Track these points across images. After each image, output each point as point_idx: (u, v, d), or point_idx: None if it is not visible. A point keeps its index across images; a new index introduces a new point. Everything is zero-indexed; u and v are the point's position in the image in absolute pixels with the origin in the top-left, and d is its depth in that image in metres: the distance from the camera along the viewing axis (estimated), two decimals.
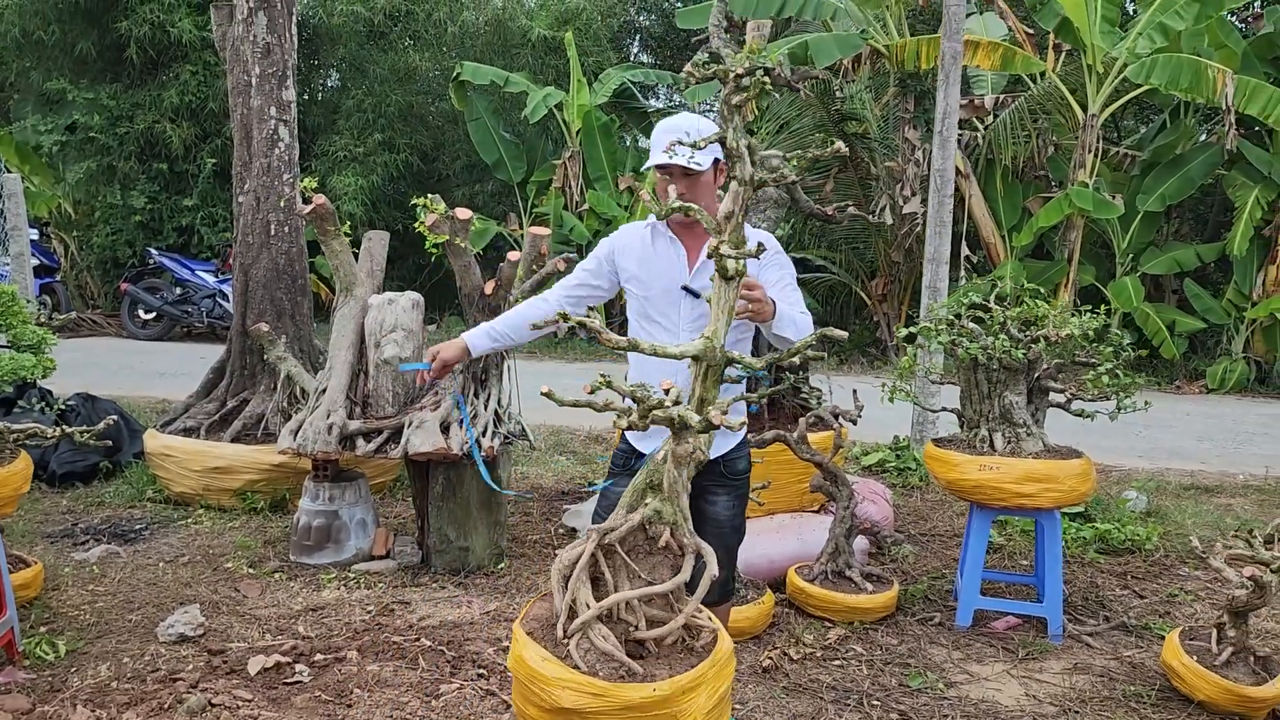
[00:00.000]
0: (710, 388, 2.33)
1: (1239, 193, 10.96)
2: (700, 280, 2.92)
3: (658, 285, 2.94)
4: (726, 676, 2.08)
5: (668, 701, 1.91)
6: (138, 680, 3.62)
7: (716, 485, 3.01)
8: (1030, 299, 4.25)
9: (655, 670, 1.98)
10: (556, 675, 1.94)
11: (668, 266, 2.95)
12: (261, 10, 5.92)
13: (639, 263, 2.98)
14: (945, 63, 6.60)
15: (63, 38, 13.20)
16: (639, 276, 2.98)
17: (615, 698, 1.89)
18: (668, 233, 2.97)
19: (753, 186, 2.42)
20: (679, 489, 2.13)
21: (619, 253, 3.03)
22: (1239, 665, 3.60)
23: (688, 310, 2.92)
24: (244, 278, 6.11)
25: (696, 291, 2.90)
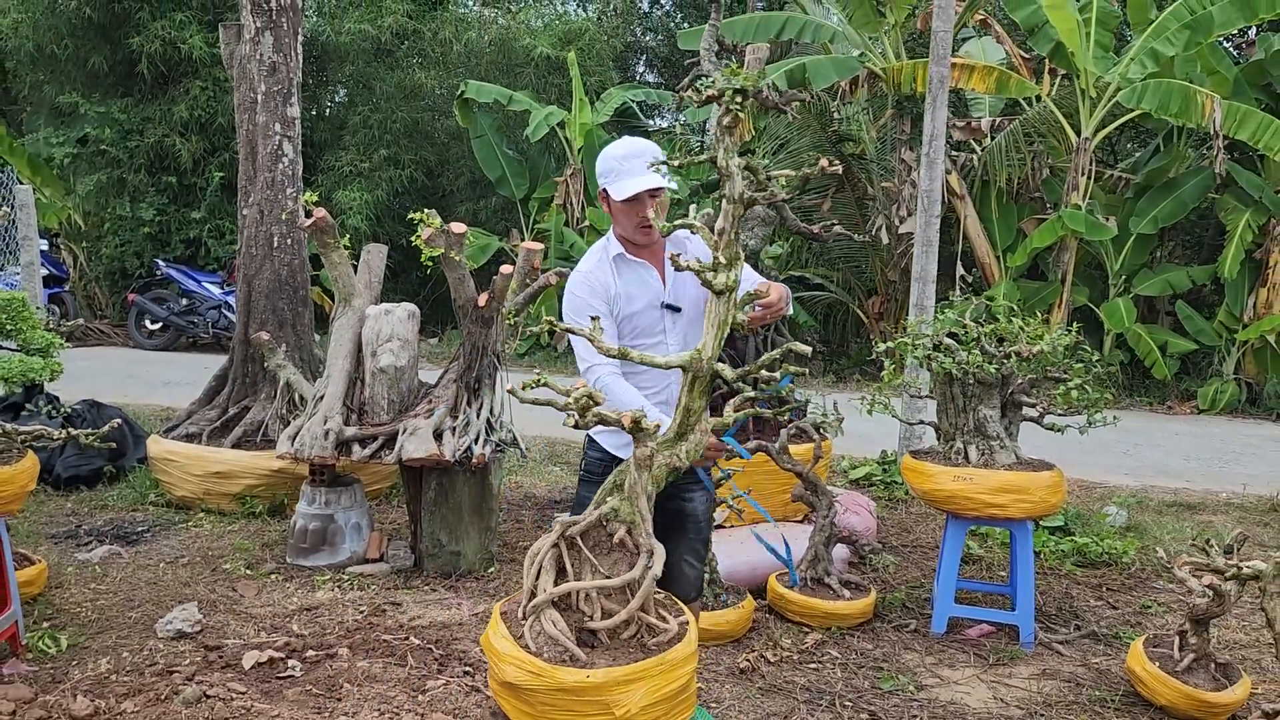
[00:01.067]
0: (696, 398, 2.41)
1: (1230, 216, 11.11)
2: (677, 294, 3.02)
3: (641, 309, 2.98)
4: (678, 678, 2.11)
5: (599, 689, 2.01)
6: (136, 673, 3.76)
7: (693, 484, 3.12)
8: (1007, 319, 4.40)
9: (600, 659, 2.07)
10: (506, 652, 2.10)
11: (645, 289, 3.00)
12: (268, 30, 6.11)
13: (621, 293, 2.97)
14: (933, 86, 6.76)
15: (76, 53, 13.45)
16: (623, 304, 2.98)
17: (551, 678, 2.02)
18: (631, 258, 3.01)
19: (743, 205, 2.48)
20: (639, 490, 2.25)
21: (610, 289, 2.97)
22: (1200, 672, 3.72)
23: (672, 325, 3.02)
24: (247, 288, 6.28)
25: (677, 305, 3.01)
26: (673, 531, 3.02)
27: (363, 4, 14.39)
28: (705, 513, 3.20)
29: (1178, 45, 10.33)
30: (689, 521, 3.14)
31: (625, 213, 2.93)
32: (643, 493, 2.26)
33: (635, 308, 2.98)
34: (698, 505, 3.15)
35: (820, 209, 12.12)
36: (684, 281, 3.02)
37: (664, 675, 2.09)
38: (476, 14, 16.09)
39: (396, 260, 12.63)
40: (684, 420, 2.44)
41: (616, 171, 2.90)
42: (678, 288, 3.02)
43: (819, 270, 13.30)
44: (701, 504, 3.17)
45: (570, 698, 2.02)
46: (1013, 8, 10.77)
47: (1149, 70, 10.48)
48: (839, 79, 11.28)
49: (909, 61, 11.22)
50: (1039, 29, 10.65)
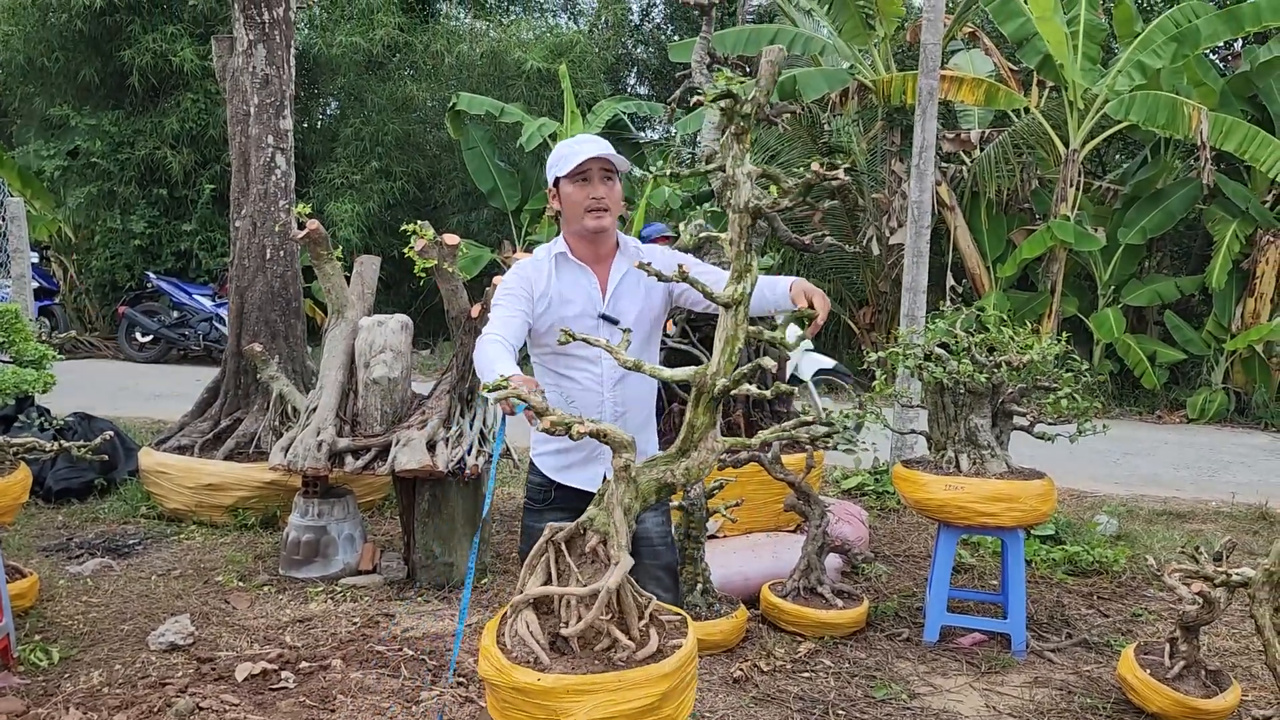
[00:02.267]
0: (701, 414, 2.35)
1: (1218, 227, 11.19)
2: (616, 306, 2.88)
3: (574, 316, 2.84)
4: (640, 697, 2.07)
5: (548, 694, 2.03)
6: (128, 685, 3.75)
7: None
8: (997, 328, 4.43)
9: (560, 666, 2.09)
10: (485, 645, 2.18)
11: (580, 296, 2.86)
12: (261, 43, 6.13)
13: (554, 294, 2.86)
14: (922, 98, 6.82)
15: (66, 65, 13.44)
16: (555, 308, 2.85)
17: (509, 676, 2.07)
18: (572, 259, 2.89)
19: (750, 214, 2.38)
20: (614, 501, 2.24)
21: (536, 285, 2.86)
22: (1190, 679, 3.74)
23: (609, 339, 2.77)
24: (239, 300, 6.28)
25: (615, 318, 2.87)
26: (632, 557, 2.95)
27: (354, 17, 14.43)
28: (661, 535, 3.02)
29: (1164, 58, 10.43)
30: (642, 546, 2.92)
31: (572, 195, 2.81)
32: (618, 504, 2.23)
33: (569, 312, 2.84)
34: (650, 528, 2.96)
35: (811, 220, 12.17)
36: (627, 296, 2.87)
37: (620, 692, 2.05)
38: (468, 27, 16.15)
39: (389, 272, 12.62)
40: (686, 436, 2.38)
41: (564, 157, 2.81)
42: (618, 301, 2.87)
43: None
44: (655, 526, 2.98)
45: (522, 698, 2.06)
46: (1001, 20, 10.85)
47: (1136, 82, 10.57)
48: (829, 91, 11.34)
49: (899, 74, 11.29)
50: (1027, 41, 10.73)
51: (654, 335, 3.02)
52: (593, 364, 2.86)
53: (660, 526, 3.02)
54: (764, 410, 5.71)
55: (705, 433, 2.37)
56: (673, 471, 2.35)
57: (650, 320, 2.97)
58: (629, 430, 2.60)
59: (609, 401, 2.89)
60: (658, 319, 3.01)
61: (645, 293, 2.92)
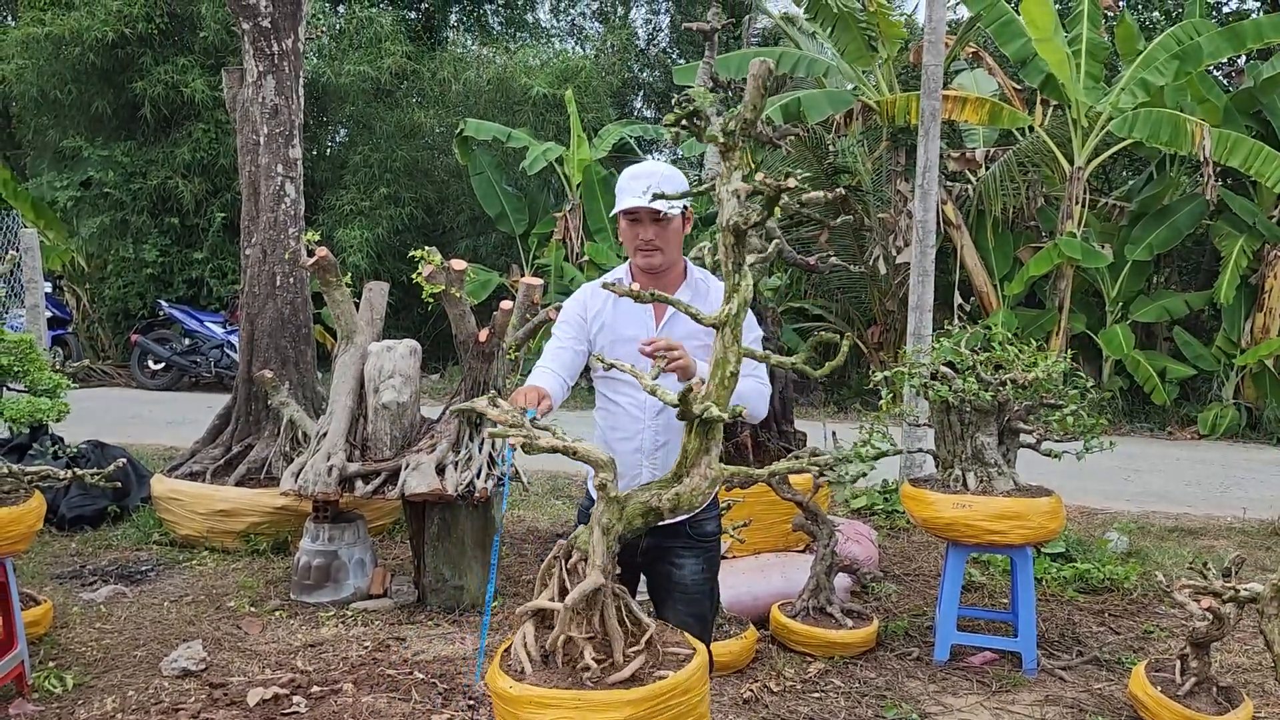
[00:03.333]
0: (692, 439, 2.35)
1: (1225, 242, 11.20)
2: (670, 334, 2.85)
3: (624, 341, 2.85)
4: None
5: (515, 703, 2.11)
6: (141, 711, 3.77)
7: (682, 548, 2.89)
8: (1002, 346, 4.44)
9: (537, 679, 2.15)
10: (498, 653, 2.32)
11: (632, 323, 2.88)
12: (270, 74, 6.21)
13: (607, 322, 2.89)
14: (925, 119, 6.87)
15: (79, 97, 13.62)
16: (604, 336, 2.89)
17: (491, 681, 2.22)
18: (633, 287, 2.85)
19: (732, 233, 2.39)
20: (594, 521, 2.25)
21: (590, 312, 2.91)
22: (1202, 696, 3.73)
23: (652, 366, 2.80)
24: (250, 327, 6.34)
25: None
26: (663, 597, 2.89)
27: (362, 46, 14.59)
28: (700, 583, 2.92)
29: (1167, 75, 10.47)
30: (678, 591, 2.89)
31: (624, 232, 2.86)
32: (597, 524, 2.24)
33: (619, 341, 2.87)
34: (687, 574, 2.89)
35: (818, 240, 12.22)
36: (681, 327, 2.85)
37: (580, 711, 2.07)
38: (475, 54, 16.30)
39: (397, 297, 12.70)
40: (680, 462, 2.38)
41: (621, 190, 2.85)
42: (670, 331, 2.86)
43: (818, 301, 13.39)
44: (693, 573, 2.90)
45: (501, 704, 2.18)
46: (1003, 41, 10.92)
47: (1139, 100, 10.61)
48: (833, 112, 11.41)
49: (902, 94, 11.36)
50: (1029, 61, 10.80)
51: None
52: (637, 390, 2.82)
53: (699, 574, 2.92)
54: (771, 431, 5.73)
55: (697, 459, 2.36)
56: (660, 497, 2.33)
57: (704, 352, 2.81)
58: (670, 461, 2.63)
59: (649, 429, 2.88)
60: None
61: (702, 330, 2.81)
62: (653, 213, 2.78)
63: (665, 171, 2.81)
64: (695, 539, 2.90)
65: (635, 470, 2.86)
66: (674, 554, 2.89)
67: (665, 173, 2.80)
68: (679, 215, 2.85)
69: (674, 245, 2.86)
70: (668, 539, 2.85)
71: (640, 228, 2.82)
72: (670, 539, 2.86)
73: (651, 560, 2.89)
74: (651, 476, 2.82)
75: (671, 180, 2.77)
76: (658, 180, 2.74)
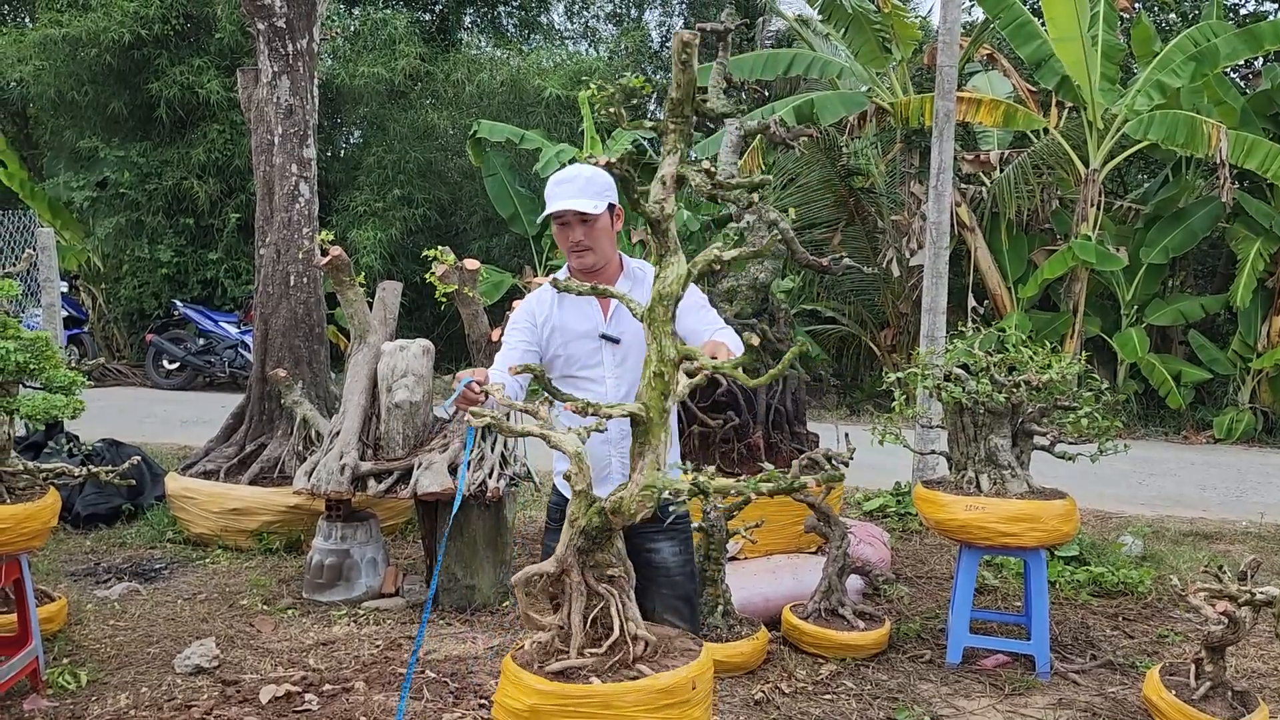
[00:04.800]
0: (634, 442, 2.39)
1: (1241, 245, 11.11)
2: (617, 326, 2.95)
3: (576, 338, 2.95)
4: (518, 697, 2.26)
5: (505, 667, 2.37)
6: (155, 708, 3.79)
7: (655, 532, 2.96)
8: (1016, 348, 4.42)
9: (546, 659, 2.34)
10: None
11: (582, 320, 2.96)
12: (285, 75, 6.24)
13: (557, 324, 2.97)
14: (939, 120, 6.84)
15: (95, 98, 13.70)
16: (558, 334, 2.97)
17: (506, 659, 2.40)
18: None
19: (650, 223, 2.41)
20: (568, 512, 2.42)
21: (539, 318, 2.99)
22: (1217, 700, 3.70)
23: (610, 358, 2.95)
24: (264, 326, 6.37)
25: (615, 337, 2.94)
26: (646, 585, 2.88)
27: (377, 48, 14.63)
28: (680, 565, 3.01)
29: (1184, 77, 10.41)
30: (660, 576, 2.96)
31: (556, 236, 2.94)
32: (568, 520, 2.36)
33: (573, 335, 2.96)
34: (666, 556, 2.97)
35: (831, 243, 12.19)
36: (628, 316, 2.88)
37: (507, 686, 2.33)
38: (488, 55, 16.32)
39: (411, 298, 12.74)
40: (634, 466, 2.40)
41: (548, 196, 2.91)
42: (619, 321, 2.95)
43: (831, 303, 13.35)
44: (671, 554, 2.99)
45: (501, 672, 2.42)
46: (1018, 43, 10.87)
47: (1156, 102, 10.55)
48: (847, 114, 11.39)
49: (916, 96, 11.33)
50: (1045, 63, 10.75)
51: None
52: (597, 384, 2.95)
53: (678, 556, 3.01)
54: (784, 432, 5.72)
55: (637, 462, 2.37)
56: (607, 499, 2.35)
57: None
58: None
59: (614, 421, 2.85)
60: None
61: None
62: (579, 215, 2.86)
63: (588, 173, 2.90)
64: (664, 523, 2.95)
65: (605, 461, 2.92)
66: (648, 539, 2.95)
67: (588, 174, 2.90)
68: (606, 214, 2.92)
69: (604, 243, 2.95)
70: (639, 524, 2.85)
71: (569, 230, 2.90)
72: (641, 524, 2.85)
73: (631, 552, 2.88)
74: (622, 466, 2.89)
75: (594, 181, 2.87)
76: (582, 183, 2.85)
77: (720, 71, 5.83)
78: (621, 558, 2.46)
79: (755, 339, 2.33)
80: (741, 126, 5.83)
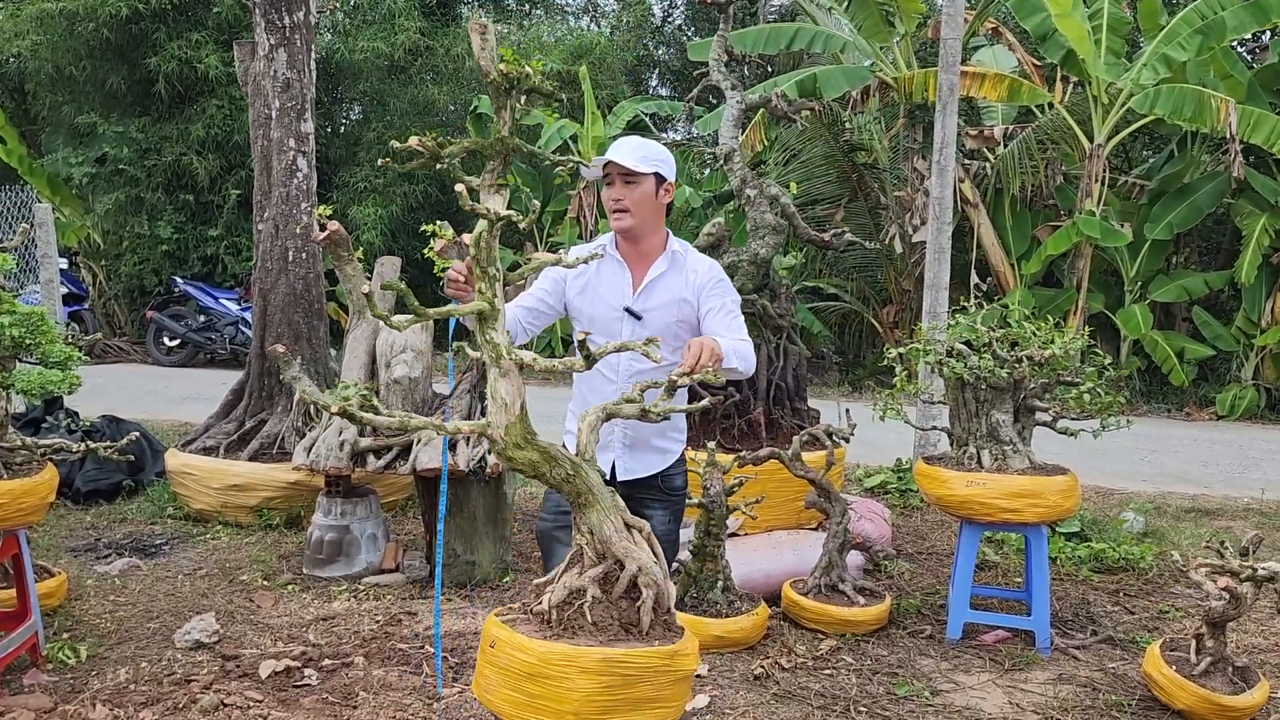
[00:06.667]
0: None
1: (1246, 221, 11.05)
2: (644, 302, 3.00)
3: (602, 307, 3.01)
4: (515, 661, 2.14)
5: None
6: (154, 683, 3.79)
7: (653, 500, 3.11)
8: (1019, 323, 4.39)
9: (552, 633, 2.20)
10: None
11: (612, 289, 3.02)
12: (282, 47, 6.18)
13: (586, 286, 3.04)
14: (942, 94, 6.78)
15: (94, 74, 13.61)
16: (585, 298, 3.04)
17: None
18: (615, 255, 3.05)
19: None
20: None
21: (570, 274, 3.06)
22: (1217, 675, 3.70)
23: (628, 332, 2.98)
24: (263, 302, 6.34)
25: (639, 313, 2.99)
26: None
27: (376, 22, 14.52)
28: (667, 533, 3.13)
29: (1190, 50, 10.31)
30: None
31: (604, 196, 3.00)
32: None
33: (598, 303, 3.03)
34: (656, 524, 3.01)
35: (833, 219, 12.13)
36: (656, 296, 3.00)
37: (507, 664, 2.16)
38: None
39: (411, 274, 12.66)
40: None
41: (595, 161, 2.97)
42: (646, 299, 3.00)
43: (833, 280, 13.31)
44: (662, 522, 3.10)
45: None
46: (1023, 16, 10.78)
47: (1161, 76, 10.46)
48: (850, 89, 11.31)
49: (920, 70, 11.24)
50: (1050, 36, 10.66)
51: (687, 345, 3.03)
52: (613, 358, 3.00)
53: (666, 525, 3.14)
54: (785, 408, 5.70)
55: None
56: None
57: (675, 324, 3.03)
58: (644, 425, 2.76)
59: (619, 391, 2.93)
60: (692, 328, 3.05)
61: (677, 299, 3.03)
62: (624, 171, 2.91)
63: (645, 141, 3.01)
64: (666, 492, 3.16)
65: (609, 430, 3.01)
66: (645, 505, 3.07)
67: (645, 142, 3.01)
68: (650, 180, 2.95)
69: (645, 210, 2.98)
70: (639, 490, 3.07)
71: (612, 190, 2.96)
72: (641, 490, 3.08)
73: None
74: (624, 435, 3.05)
75: (647, 147, 2.95)
76: (634, 145, 2.94)
77: (722, 45, 5.77)
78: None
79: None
80: (743, 100, 5.77)
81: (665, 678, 2.12)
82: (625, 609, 2.17)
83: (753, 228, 5.58)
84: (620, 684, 2.07)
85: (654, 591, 2.14)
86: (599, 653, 2.07)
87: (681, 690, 2.21)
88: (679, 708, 2.22)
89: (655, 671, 2.11)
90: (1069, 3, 10.13)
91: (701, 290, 3.01)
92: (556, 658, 2.08)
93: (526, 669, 2.11)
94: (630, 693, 2.09)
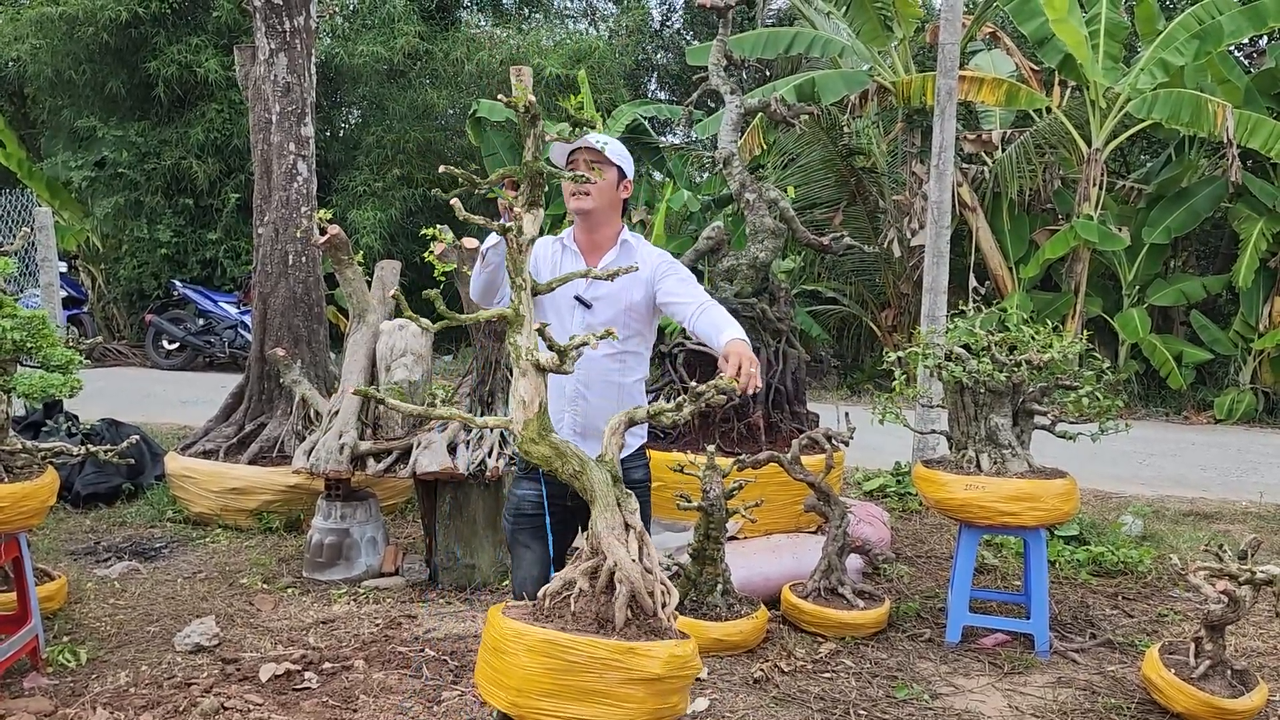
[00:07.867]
0: None
1: (1244, 225, 11.07)
2: (594, 290, 3.01)
3: (560, 297, 3.00)
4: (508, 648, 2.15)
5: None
6: (154, 686, 3.80)
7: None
8: (1017, 327, 4.40)
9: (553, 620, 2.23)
10: None
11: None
12: (282, 52, 6.19)
13: (545, 272, 3.04)
14: (941, 99, 6.80)
15: (93, 78, 13.61)
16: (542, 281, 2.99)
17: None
18: (573, 246, 3.10)
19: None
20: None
21: (538, 257, 3.08)
22: (1216, 678, 3.71)
23: (578, 322, 2.99)
24: (263, 306, 6.35)
25: (589, 302, 3.01)
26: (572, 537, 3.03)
27: (375, 26, 14.53)
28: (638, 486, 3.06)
29: (1187, 55, 10.33)
30: None
31: (566, 184, 3.00)
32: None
33: (557, 296, 2.98)
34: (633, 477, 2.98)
35: (832, 222, 12.15)
36: (604, 282, 2.96)
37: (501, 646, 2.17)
38: (488, 34, 16.22)
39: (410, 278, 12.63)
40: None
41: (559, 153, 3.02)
42: (596, 285, 3.01)
43: (832, 284, 13.32)
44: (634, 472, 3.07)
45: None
46: (1021, 20, 10.79)
47: (1159, 80, 10.48)
48: (848, 93, 11.31)
49: (918, 75, 11.25)
50: (1047, 41, 10.67)
51: (637, 332, 3.08)
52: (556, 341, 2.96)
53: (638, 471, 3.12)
54: (784, 412, 5.70)
55: None
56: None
57: (624, 312, 3.04)
58: (594, 412, 2.96)
59: (570, 379, 2.99)
60: (641, 316, 3.08)
61: (626, 286, 3.02)
62: (591, 151, 2.98)
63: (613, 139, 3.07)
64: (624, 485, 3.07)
65: (559, 416, 2.99)
66: None
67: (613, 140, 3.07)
68: (615, 169, 3.02)
69: (605, 199, 3.04)
70: None
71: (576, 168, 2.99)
72: None
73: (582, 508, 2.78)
74: (573, 422, 3.04)
75: (615, 143, 3.03)
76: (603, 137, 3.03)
77: (721, 49, 5.78)
78: None
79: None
80: (742, 104, 5.78)
81: (616, 673, 2.07)
82: (604, 604, 2.19)
83: (752, 231, 5.59)
84: (563, 669, 2.07)
85: (627, 588, 2.15)
86: (542, 633, 2.11)
87: (640, 694, 2.09)
88: (641, 712, 2.10)
89: (602, 664, 2.07)
90: (1066, 7, 10.15)
91: (655, 270, 3.05)
92: (509, 633, 2.15)
93: (492, 643, 2.21)
94: (573, 680, 2.07)
